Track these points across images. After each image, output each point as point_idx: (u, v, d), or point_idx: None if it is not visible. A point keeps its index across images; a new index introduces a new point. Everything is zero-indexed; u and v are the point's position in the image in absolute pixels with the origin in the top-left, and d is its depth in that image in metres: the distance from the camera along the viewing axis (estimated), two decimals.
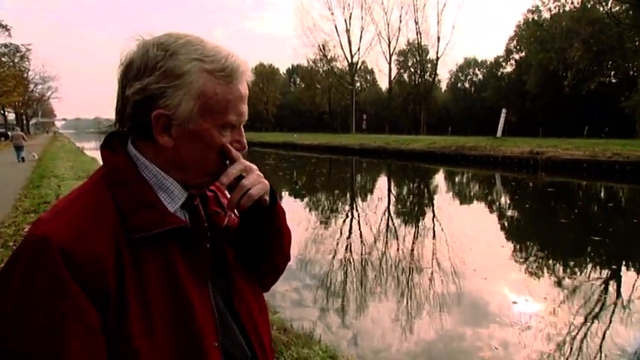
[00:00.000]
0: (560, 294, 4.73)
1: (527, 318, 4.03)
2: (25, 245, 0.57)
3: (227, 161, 0.72)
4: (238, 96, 0.69)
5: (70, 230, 0.58)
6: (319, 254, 6.15)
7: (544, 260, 6.20)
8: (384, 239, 7.26)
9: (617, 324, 3.93)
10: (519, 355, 3.35)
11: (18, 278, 0.56)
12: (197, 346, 0.63)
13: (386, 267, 5.66)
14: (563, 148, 17.87)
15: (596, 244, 6.85)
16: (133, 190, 0.65)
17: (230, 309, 0.74)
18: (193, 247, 0.68)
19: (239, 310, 0.75)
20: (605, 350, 3.44)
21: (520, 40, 48.10)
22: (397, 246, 6.75)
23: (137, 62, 0.65)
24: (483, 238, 7.27)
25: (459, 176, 18.48)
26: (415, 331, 3.78)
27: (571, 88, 36.69)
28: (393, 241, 7.12)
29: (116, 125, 0.70)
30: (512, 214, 10.21)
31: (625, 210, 10.58)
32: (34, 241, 0.57)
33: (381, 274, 5.40)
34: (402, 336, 3.67)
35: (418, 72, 54.35)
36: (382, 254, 6.28)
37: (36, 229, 0.58)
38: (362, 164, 23.93)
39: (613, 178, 14.79)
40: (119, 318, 0.58)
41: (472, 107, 55.36)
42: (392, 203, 11.61)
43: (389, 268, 5.63)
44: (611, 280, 5.25)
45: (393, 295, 4.63)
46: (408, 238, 7.39)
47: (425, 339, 3.65)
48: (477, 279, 5.10)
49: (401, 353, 3.38)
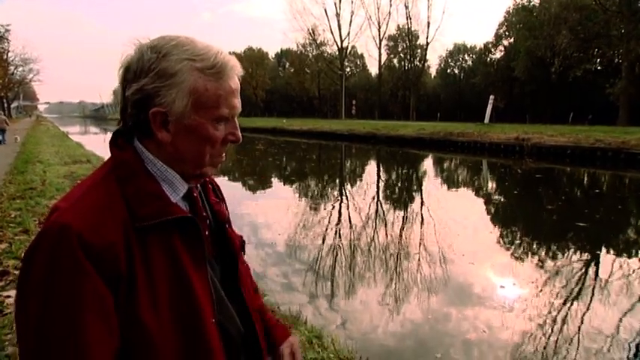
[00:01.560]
0: (545, 278, 4.87)
1: (514, 301, 4.16)
2: (48, 232, 0.63)
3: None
4: (229, 90, 0.74)
5: (86, 220, 0.63)
6: (308, 239, 6.21)
7: (530, 245, 6.37)
8: (372, 225, 7.35)
9: (597, 305, 4.09)
10: (504, 336, 3.48)
11: (41, 260, 0.62)
12: (197, 322, 0.70)
13: (374, 252, 5.75)
14: (549, 134, 18.14)
15: (581, 230, 7.05)
16: (140, 182, 0.71)
17: (228, 290, 0.82)
18: (193, 234, 0.73)
19: (243, 290, 0.86)
20: (584, 330, 3.59)
21: (509, 26, 48.08)
22: (386, 231, 6.85)
23: (134, 65, 0.71)
24: (471, 224, 7.41)
25: (447, 162, 18.66)
26: (402, 313, 3.87)
27: (558, 74, 37.04)
28: (381, 226, 7.22)
29: (120, 124, 0.76)
30: (498, 200, 10.40)
31: (608, 196, 10.86)
32: (56, 228, 0.62)
33: (370, 258, 5.49)
34: (390, 318, 3.75)
35: (408, 57, 54.15)
36: (371, 239, 6.37)
37: (57, 217, 0.64)
38: (351, 150, 23.96)
39: (595, 165, 15.12)
40: (129, 298, 0.64)
41: (461, 93, 55.54)
42: (381, 189, 11.71)
43: (377, 252, 5.72)
44: (593, 263, 5.43)
45: (381, 279, 4.72)
46: (397, 223, 7.49)
47: (412, 321, 3.74)
48: (465, 263, 5.23)
49: (387, 335, 3.46)
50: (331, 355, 2.55)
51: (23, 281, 0.63)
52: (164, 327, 0.66)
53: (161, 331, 0.66)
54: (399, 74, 56.09)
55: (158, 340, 0.65)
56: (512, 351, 3.25)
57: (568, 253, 5.96)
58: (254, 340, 0.86)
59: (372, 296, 4.26)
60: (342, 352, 2.64)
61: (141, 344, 0.65)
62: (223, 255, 0.85)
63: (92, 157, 13.06)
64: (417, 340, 3.45)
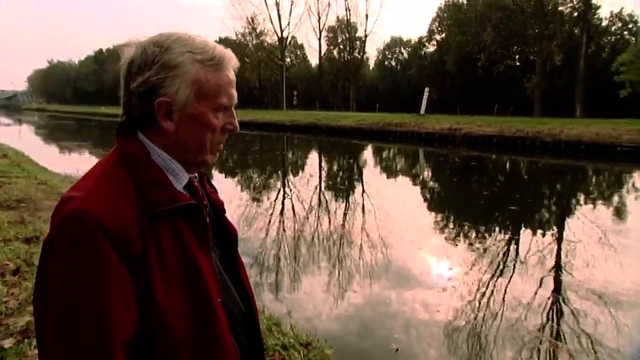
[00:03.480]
0: (482, 258, 5.29)
1: (454, 282, 4.48)
2: (66, 219, 0.66)
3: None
4: (227, 81, 0.79)
5: (103, 205, 0.67)
6: (252, 231, 6.16)
7: (463, 229, 6.87)
8: (316, 214, 7.46)
9: (528, 281, 4.54)
10: (443, 315, 3.74)
11: (62, 246, 0.65)
12: (206, 302, 0.75)
13: (319, 241, 5.85)
14: (477, 124, 19.56)
15: (511, 213, 7.73)
16: (147, 171, 0.75)
17: (229, 272, 0.89)
18: (198, 220, 0.78)
19: (242, 274, 0.94)
20: (513, 304, 3.98)
21: (441, 21, 50.66)
22: (329, 221, 6.99)
23: (137, 60, 0.75)
24: (417, 210, 7.81)
25: (387, 152, 19.39)
26: (347, 299, 4.01)
27: (484, 69, 39.94)
28: (325, 216, 7.35)
29: (123, 117, 0.80)
30: (440, 188, 11.06)
31: (531, 181, 12.01)
32: (74, 215, 0.66)
33: (314, 248, 5.58)
34: (334, 305, 3.88)
35: (347, 49, 54.94)
36: (315, 229, 6.47)
37: (74, 205, 0.67)
38: (293, 140, 23.95)
39: (517, 152, 16.63)
40: (145, 279, 0.68)
41: (398, 85, 57.66)
42: (323, 179, 11.88)
43: (321, 242, 5.83)
44: (527, 241, 6.00)
45: (325, 268, 4.83)
46: (339, 212, 7.67)
47: (368, 303, 3.90)
48: (406, 247, 5.51)
49: (331, 320, 3.57)
50: (291, 340, 2.61)
51: (44, 268, 0.67)
52: (177, 306, 0.70)
53: (174, 312, 0.70)
54: (339, 65, 56.78)
55: (171, 317, 0.69)
56: (458, 326, 3.51)
57: (505, 233, 6.52)
58: (252, 319, 0.93)
59: (317, 285, 4.35)
60: (301, 337, 2.71)
61: (155, 323, 0.68)
62: (221, 242, 0.90)
63: (9, 151, 11.76)
64: (373, 320, 3.61)
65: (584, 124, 17.68)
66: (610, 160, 14.43)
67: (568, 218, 7.66)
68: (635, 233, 6.35)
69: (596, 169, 13.80)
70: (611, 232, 6.36)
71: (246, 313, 0.90)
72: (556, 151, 15.90)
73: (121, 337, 0.64)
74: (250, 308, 0.92)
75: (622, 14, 39.66)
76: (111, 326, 0.63)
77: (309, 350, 2.55)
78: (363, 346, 3.19)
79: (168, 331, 0.69)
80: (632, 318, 3.65)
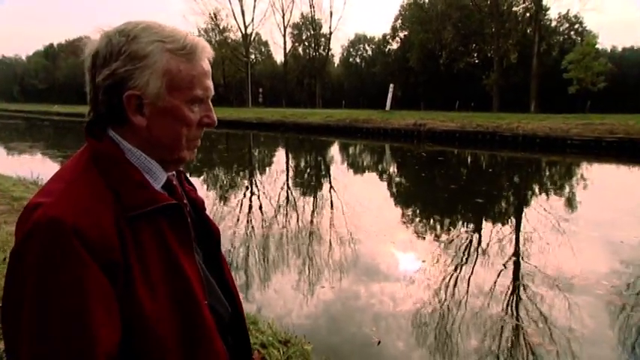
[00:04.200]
0: (450, 249, 5.50)
1: (422, 273, 4.64)
2: (36, 229, 0.60)
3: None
4: (201, 72, 0.74)
5: (78, 211, 0.62)
6: (220, 231, 6.08)
7: (431, 221, 7.10)
8: (285, 212, 7.47)
9: (494, 268, 4.78)
10: (408, 306, 3.87)
11: (33, 259, 0.59)
12: (193, 306, 0.72)
13: (288, 239, 5.87)
14: (440, 120, 20.19)
15: (475, 205, 8.06)
16: (123, 172, 0.70)
17: (212, 272, 0.85)
18: (179, 221, 0.74)
19: (227, 273, 0.91)
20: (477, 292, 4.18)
21: (404, 19, 51.74)
22: (299, 218, 7.02)
23: (102, 51, 0.70)
24: (375, 206, 7.98)
25: (355, 148, 19.63)
26: (320, 295, 4.06)
27: (445, 66, 41.25)
28: (294, 213, 7.37)
29: (90, 114, 0.74)
30: (401, 182, 11.34)
31: (493, 174, 12.55)
32: (44, 223, 0.60)
33: (284, 245, 5.60)
34: (308, 301, 3.92)
35: (312, 46, 54.97)
36: (284, 227, 6.48)
37: (43, 212, 0.61)
38: (260, 138, 23.74)
39: (478, 146, 17.33)
40: (127, 286, 0.64)
41: (363, 81, 58.41)
42: (291, 176, 11.89)
43: (291, 239, 5.86)
44: (487, 233, 6.29)
45: (296, 264, 4.86)
46: (308, 209, 7.71)
47: (329, 301, 3.95)
48: (376, 241, 5.64)
49: (306, 316, 3.61)
50: (270, 338, 2.62)
51: (12, 283, 0.61)
52: (163, 313, 0.67)
53: (160, 317, 0.66)
54: (305, 62, 56.78)
55: (158, 325, 0.66)
56: (426, 315, 3.65)
57: (470, 225, 6.80)
58: (239, 320, 0.90)
59: (286, 282, 4.37)
60: (279, 334, 2.73)
61: (141, 331, 0.65)
62: (203, 242, 0.86)
63: None
64: (348, 314, 3.67)
65: (538, 118, 18.67)
66: (562, 153, 15.35)
67: (527, 208, 8.10)
68: (583, 221, 6.82)
69: (550, 162, 14.63)
70: (563, 220, 6.80)
71: (232, 313, 0.88)
72: (514, 145, 16.70)
73: (105, 353, 0.60)
74: (236, 308, 0.90)
75: (569, 15, 42.24)
76: (94, 343, 0.59)
77: (288, 347, 2.57)
78: (339, 340, 3.26)
79: (155, 337, 0.66)
80: (582, 299, 3.94)
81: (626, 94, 37.25)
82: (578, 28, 42.76)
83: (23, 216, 0.64)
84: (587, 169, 13.15)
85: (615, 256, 5.03)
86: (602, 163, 13.99)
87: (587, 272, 4.53)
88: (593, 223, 6.67)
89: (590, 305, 3.85)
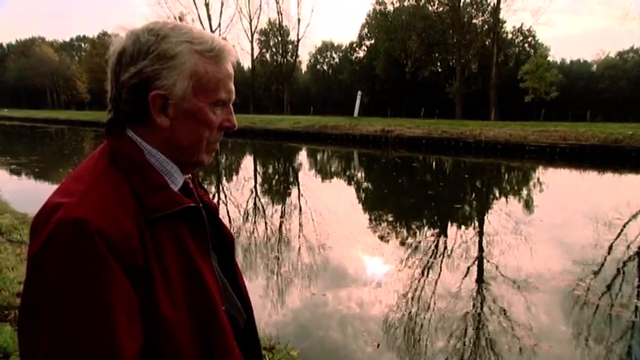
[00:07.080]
0: (419, 253, 5.65)
1: (390, 279, 4.74)
2: (59, 229, 0.58)
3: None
4: (227, 74, 0.74)
5: (102, 212, 0.61)
6: None
7: (400, 226, 7.27)
8: (253, 219, 7.42)
9: (460, 269, 4.96)
10: (377, 310, 3.96)
11: (55, 259, 0.57)
12: (211, 311, 0.71)
13: (256, 246, 5.84)
14: (407, 126, 20.73)
15: (441, 209, 8.31)
16: (144, 173, 0.69)
17: (228, 278, 0.84)
18: (197, 224, 0.73)
19: (240, 280, 0.90)
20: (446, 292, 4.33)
21: (370, 28, 52.83)
22: (266, 224, 7.00)
23: (130, 49, 0.69)
24: (342, 212, 8.08)
25: (323, 154, 19.76)
26: (285, 304, 4.08)
27: (411, 74, 42.42)
28: (261, 219, 7.34)
29: (110, 113, 0.73)
30: (367, 187, 11.54)
31: (458, 178, 13.00)
32: (69, 223, 0.58)
33: (252, 253, 5.56)
34: (273, 310, 3.92)
35: (280, 52, 54.98)
36: (253, 234, 6.44)
37: (66, 213, 0.59)
38: (227, 144, 23.43)
39: (443, 152, 17.93)
40: (147, 290, 0.63)
41: (330, 88, 59.03)
42: (259, 183, 11.82)
43: (259, 246, 5.83)
44: (453, 237, 6.51)
45: (262, 272, 4.84)
46: (276, 216, 7.70)
47: (294, 310, 3.97)
48: (347, 246, 5.71)
49: (270, 326, 3.55)
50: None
51: (33, 286, 0.59)
52: (182, 318, 0.66)
53: (179, 323, 0.65)
54: (272, 69, 56.63)
55: (177, 331, 0.65)
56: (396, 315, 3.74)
57: (437, 228, 7.02)
58: (251, 326, 0.89)
59: (255, 290, 4.35)
60: (263, 341, 2.72)
61: (161, 336, 0.64)
62: (218, 247, 0.85)
63: None
64: (331, 320, 3.70)
65: (498, 126, 19.57)
66: (521, 158, 16.16)
67: (489, 212, 8.47)
68: (539, 222, 7.22)
69: (510, 167, 15.36)
70: (522, 222, 7.18)
71: (246, 320, 0.87)
72: (477, 151, 17.42)
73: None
74: (250, 315, 0.89)
75: (522, 29, 44.81)
76: (117, 355, 0.57)
77: (273, 354, 2.56)
78: (325, 345, 3.28)
79: (174, 343, 0.65)
80: (538, 298, 4.18)
81: (575, 103, 40.03)
82: (532, 41, 45.43)
83: (42, 216, 0.61)
84: (543, 174, 13.93)
85: (568, 255, 5.38)
86: (557, 167, 14.89)
87: (542, 271, 4.81)
88: (548, 224, 7.08)
89: (546, 302, 4.10)
